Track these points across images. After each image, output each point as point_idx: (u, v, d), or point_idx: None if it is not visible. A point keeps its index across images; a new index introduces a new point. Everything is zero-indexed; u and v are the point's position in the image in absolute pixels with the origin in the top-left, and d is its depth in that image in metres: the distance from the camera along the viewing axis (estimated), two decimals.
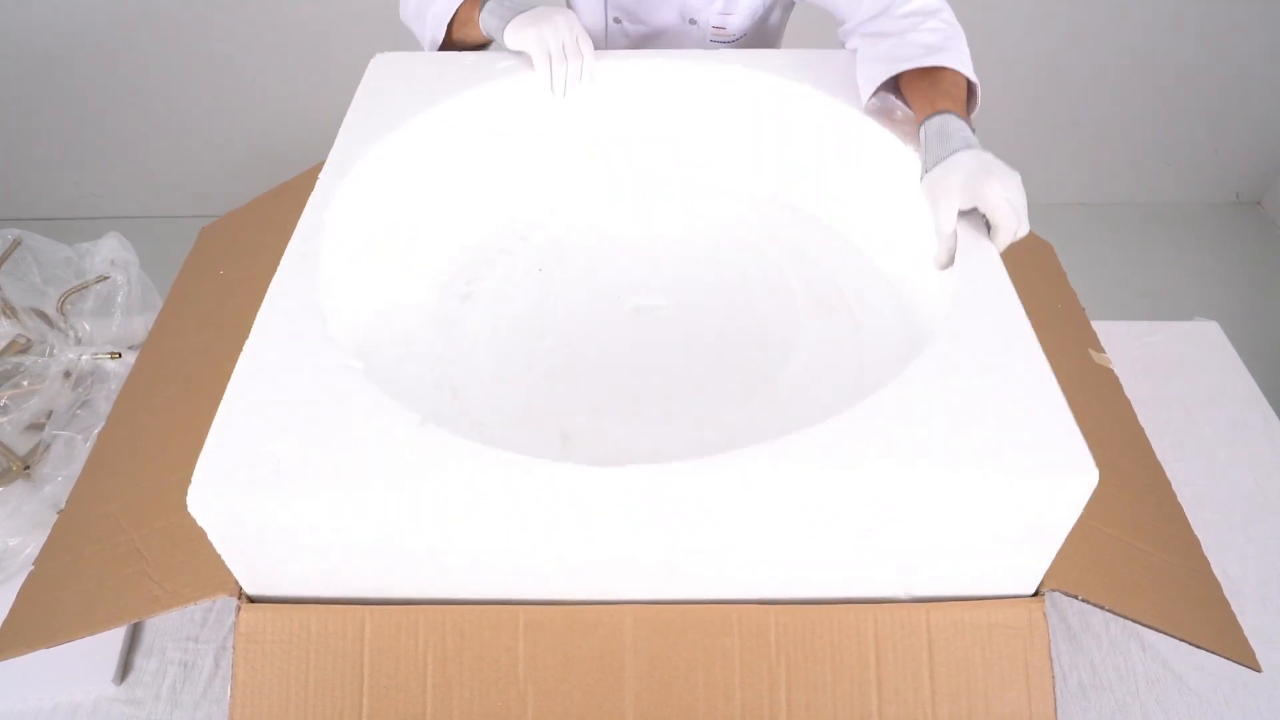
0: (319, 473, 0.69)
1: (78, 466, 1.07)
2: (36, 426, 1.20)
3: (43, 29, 2.27)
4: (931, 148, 0.97)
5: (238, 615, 0.74)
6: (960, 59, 1.04)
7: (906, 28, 1.08)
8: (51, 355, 1.26)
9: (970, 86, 1.06)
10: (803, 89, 1.16)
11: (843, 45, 1.20)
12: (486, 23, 1.18)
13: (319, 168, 1.27)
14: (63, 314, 1.32)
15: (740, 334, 1.06)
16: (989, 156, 0.92)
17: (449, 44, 1.25)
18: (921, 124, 1.00)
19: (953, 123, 0.96)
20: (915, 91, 1.05)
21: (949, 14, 1.10)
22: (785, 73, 1.17)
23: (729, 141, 1.25)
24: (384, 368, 0.95)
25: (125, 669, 1.01)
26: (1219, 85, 2.59)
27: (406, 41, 1.24)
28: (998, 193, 0.89)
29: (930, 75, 1.05)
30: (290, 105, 2.49)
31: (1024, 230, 0.92)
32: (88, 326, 1.32)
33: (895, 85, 1.09)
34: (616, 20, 1.34)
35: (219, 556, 0.76)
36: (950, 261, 0.94)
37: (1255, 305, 2.59)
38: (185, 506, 0.82)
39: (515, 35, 1.14)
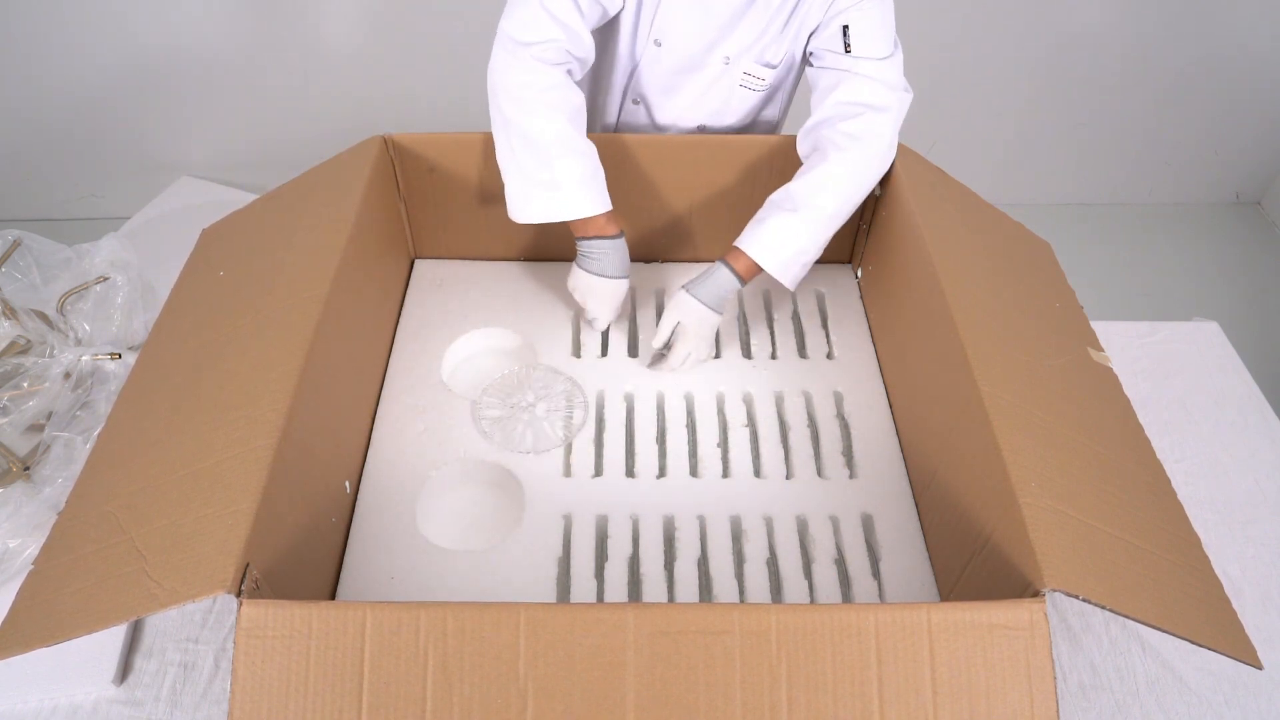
0: None
1: (77, 468, 1.06)
2: (36, 428, 1.20)
3: (43, 31, 2.27)
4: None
5: (239, 610, 0.74)
6: (769, 243, 1.16)
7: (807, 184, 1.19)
8: (51, 356, 1.26)
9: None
10: None
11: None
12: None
13: (317, 169, 1.28)
14: (63, 314, 1.32)
15: None
16: (694, 304, 1.19)
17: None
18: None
19: (716, 269, 1.20)
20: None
21: (882, 122, 1.17)
22: None
23: None
24: None
25: (125, 669, 1.01)
26: (1219, 85, 2.60)
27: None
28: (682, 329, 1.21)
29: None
30: (290, 108, 2.49)
31: (694, 359, 1.24)
32: (87, 327, 1.31)
33: None
34: (635, 102, 1.36)
35: (217, 555, 0.76)
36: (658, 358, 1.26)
37: (1255, 305, 2.59)
38: (184, 506, 0.82)
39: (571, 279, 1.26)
